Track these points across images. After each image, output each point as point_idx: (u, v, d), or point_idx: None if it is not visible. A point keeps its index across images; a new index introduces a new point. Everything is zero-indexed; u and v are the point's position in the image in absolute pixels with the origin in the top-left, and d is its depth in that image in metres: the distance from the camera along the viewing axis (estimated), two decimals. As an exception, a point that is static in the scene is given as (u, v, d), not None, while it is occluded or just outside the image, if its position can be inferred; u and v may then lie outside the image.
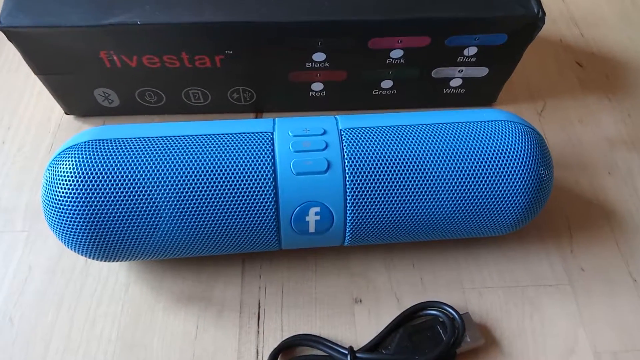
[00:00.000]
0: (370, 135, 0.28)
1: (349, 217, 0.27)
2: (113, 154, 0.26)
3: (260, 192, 0.26)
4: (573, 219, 0.34)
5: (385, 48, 0.33)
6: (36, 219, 0.33)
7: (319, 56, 0.33)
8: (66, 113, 0.38)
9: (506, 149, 0.28)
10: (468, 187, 0.27)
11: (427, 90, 0.37)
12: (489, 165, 0.27)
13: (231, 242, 0.28)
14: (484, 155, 0.27)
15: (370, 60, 0.34)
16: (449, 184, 0.27)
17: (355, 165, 0.27)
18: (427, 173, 0.27)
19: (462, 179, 0.27)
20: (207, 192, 0.26)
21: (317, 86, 0.36)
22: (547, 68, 0.43)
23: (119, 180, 0.26)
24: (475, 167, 0.27)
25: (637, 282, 0.32)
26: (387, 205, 0.27)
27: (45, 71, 0.33)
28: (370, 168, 0.27)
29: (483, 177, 0.27)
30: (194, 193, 0.26)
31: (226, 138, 0.27)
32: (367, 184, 0.27)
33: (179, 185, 0.26)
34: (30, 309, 0.30)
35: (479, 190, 0.27)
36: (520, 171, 0.28)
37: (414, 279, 0.32)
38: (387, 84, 0.36)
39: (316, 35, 0.32)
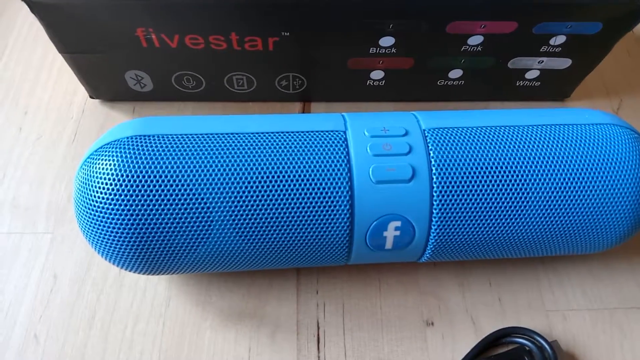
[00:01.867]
0: (458, 137, 0.24)
1: (433, 233, 0.23)
2: (162, 153, 0.22)
3: (333, 203, 0.22)
4: (661, 233, 0.31)
5: (464, 33, 0.29)
6: (60, 218, 0.29)
7: (386, 41, 0.29)
8: (91, 97, 0.33)
9: (615, 158, 0.24)
10: (572, 200, 0.23)
11: (498, 81, 0.33)
12: (596, 176, 0.23)
13: (292, 257, 0.24)
14: (591, 164, 0.24)
15: (444, 46, 0.30)
16: (550, 197, 0.23)
17: (443, 174, 0.23)
18: (524, 183, 0.23)
19: (565, 190, 0.23)
20: (269, 200, 0.22)
21: (377, 74, 0.32)
22: (621, 62, 0.39)
23: (169, 184, 0.22)
24: (581, 177, 0.23)
25: None
26: (477, 221, 0.23)
27: (72, 49, 0.29)
28: (460, 177, 0.23)
29: (590, 189, 0.23)
30: (253, 201, 0.22)
31: (291, 137, 0.23)
32: (457, 195, 0.23)
33: (238, 192, 0.22)
34: (58, 325, 0.26)
35: (586, 203, 0.24)
36: (631, 182, 0.24)
37: (491, 298, 0.28)
38: (455, 73, 0.32)
39: (388, 18, 0.28)
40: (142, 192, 0.21)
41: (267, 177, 0.22)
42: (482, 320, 0.27)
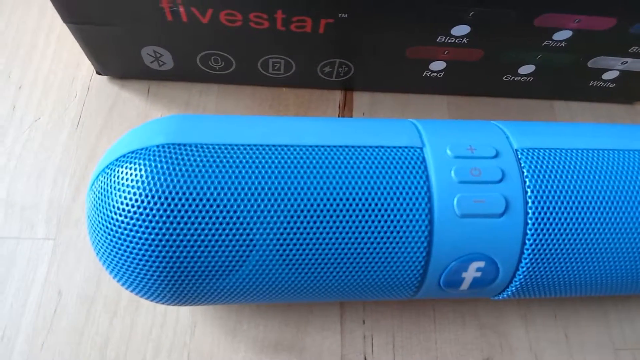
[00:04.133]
0: (555, 161, 0.20)
1: (519, 275, 0.20)
2: (202, 168, 0.18)
3: (407, 238, 0.18)
4: None
5: (553, 27, 0.24)
6: (64, 220, 0.25)
7: (460, 30, 0.24)
8: (97, 73, 0.28)
9: None
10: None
11: (571, 80, 0.29)
12: None
13: (347, 293, 0.20)
14: None
15: (525, 39, 0.25)
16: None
17: (541, 208, 0.19)
18: (625, 221, 0.20)
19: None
20: (326, 230, 0.18)
21: (438, 65, 0.27)
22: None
23: (210, 207, 0.17)
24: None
25: None
26: (571, 263, 0.20)
27: (80, 19, 0.24)
28: (560, 212, 0.19)
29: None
30: (307, 230, 0.18)
31: (357, 153, 0.19)
32: (553, 233, 0.19)
33: (289, 219, 0.18)
34: (64, 353, 0.22)
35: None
36: None
37: (557, 334, 0.25)
38: (527, 69, 0.28)
39: (471, 4, 0.23)
40: (177, 215, 0.17)
41: (326, 202, 0.18)
42: (547, 359, 0.24)
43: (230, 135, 0.19)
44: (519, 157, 0.20)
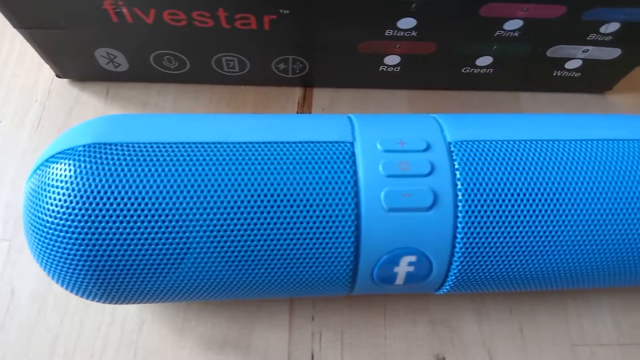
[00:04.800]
0: (490, 153, 0.19)
1: (454, 269, 0.20)
2: (126, 167, 0.18)
3: (334, 233, 0.18)
4: None
5: (500, 17, 0.24)
6: (20, 222, 0.25)
7: (406, 22, 0.24)
8: (57, 76, 0.29)
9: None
10: (620, 232, 0.19)
11: (532, 71, 0.28)
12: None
13: (283, 289, 0.20)
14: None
15: (475, 30, 0.25)
16: (593, 229, 0.19)
17: (471, 200, 0.19)
18: (564, 213, 0.19)
19: (619, 222, 0.19)
20: (256, 226, 0.18)
21: (392, 59, 0.27)
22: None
23: (134, 205, 0.18)
24: (633, 207, 0.19)
25: None
26: (508, 256, 0.19)
27: (28, 24, 0.24)
28: (492, 204, 0.19)
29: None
30: (237, 226, 0.18)
31: (286, 149, 0.19)
32: (485, 226, 0.19)
33: (218, 216, 0.18)
34: (14, 353, 0.23)
35: (633, 237, 0.20)
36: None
37: (512, 329, 0.24)
38: (484, 60, 0.27)
39: (413, -4, 0.23)
40: (100, 213, 0.17)
41: (255, 199, 0.18)
42: (500, 355, 0.24)
43: (159, 133, 0.19)
44: (451, 149, 0.20)
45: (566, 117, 0.22)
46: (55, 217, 0.18)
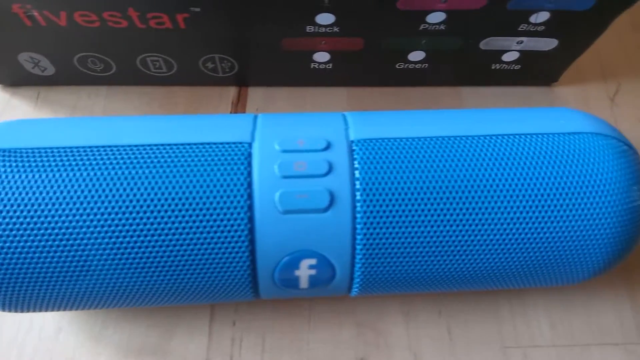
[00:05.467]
0: (394, 151, 0.19)
1: (357, 272, 0.19)
2: (8, 173, 0.17)
3: (227, 237, 0.18)
4: (652, 251, 0.26)
5: (420, 10, 0.23)
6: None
7: (324, 18, 0.24)
8: (-12, 81, 0.29)
9: (592, 180, 0.19)
10: (534, 232, 0.19)
11: (469, 64, 0.28)
12: (568, 203, 0.19)
13: (187, 296, 0.20)
14: (559, 187, 0.19)
15: (398, 25, 0.24)
16: (506, 228, 0.19)
17: (370, 200, 0.18)
18: (474, 212, 0.18)
19: (526, 220, 0.19)
20: (150, 232, 0.18)
21: (322, 56, 0.27)
22: (624, 38, 0.33)
23: (14, 212, 0.17)
24: (549, 205, 0.19)
25: None
26: (414, 257, 0.19)
27: (-62, 28, 0.24)
28: (392, 204, 0.18)
29: (557, 219, 0.19)
30: (129, 232, 0.18)
31: (179, 152, 0.18)
32: (386, 226, 0.18)
33: (110, 223, 0.17)
34: None
35: (550, 236, 0.19)
36: (612, 210, 0.19)
37: (440, 331, 0.24)
38: (416, 55, 0.27)
39: (322, -10, 0.22)
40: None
41: (147, 204, 0.17)
42: (426, 357, 0.23)
43: (50, 138, 0.19)
44: (353, 148, 0.19)
45: (478, 112, 0.21)
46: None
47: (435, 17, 0.24)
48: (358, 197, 0.18)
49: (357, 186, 0.18)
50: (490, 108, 0.22)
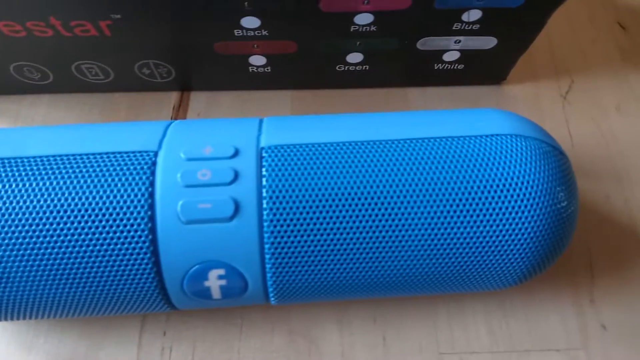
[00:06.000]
0: (305, 157, 0.18)
1: (269, 281, 0.19)
2: None
3: (129, 250, 0.17)
4: (597, 253, 0.25)
5: (345, 11, 0.23)
6: None
7: (250, 22, 0.23)
8: None
9: (510, 183, 0.18)
10: (450, 238, 0.18)
11: (411, 65, 0.27)
12: (482, 207, 0.18)
13: (103, 308, 0.19)
14: (476, 192, 0.18)
15: (327, 27, 0.24)
16: (420, 234, 0.18)
17: (277, 208, 0.18)
18: (387, 217, 0.18)
19: (441, 226, 0.18)
20: (60, 244, 0.17)
21: (258, 60, 0.26)
22: (579, 32, 0.32)
23: None
24: (462, 209, 0.18)
25: (679, 346, 0.23)
26: (328, 264, 0.18)
27: None
28: (300, 211, 0.18)
29: (472, 223, 0.18)
30: (42, 244, 0.17)
31: (82, 162, 0.18)
32: (295, 234, 0.18)
33: (17, 234, 0.17)
34: None
35: (466, 244, 0.18)
36: (534, 213, 0.18)
37: (375, 339, 0.23)
38: (355, 57, 0.26)
39: (237, -6, 0.22)
40: None
41: (47, 215, 0.17)
42: (360, 366, 0.23)
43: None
44: (263, 155, 0.19)
45: (399, 116, 0.21)
46: None
47: (364, 19, 0.23)
48: (264, 206, 0.18)
49: (264, 194, 0.18)
50: (415, 111, 0.22)
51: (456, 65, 0.27)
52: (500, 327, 0.24)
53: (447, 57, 0.27)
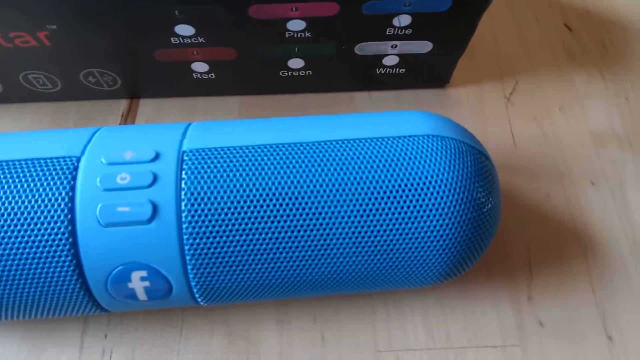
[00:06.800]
0: (226, 160, 0.19)
1: (193, 282, 0.19)
2: None
3: (49, 253, 0.18)
4: (536, 250, 0.26)
5: (274, 18, 0.23)
6: None
7: (184, 29, 0.24)
8: None
9: (423, 182, 0.19)
10: (368, 237, 0.19)
11: (352, 70, 0.28)
12: (396, 206, 0.19)
13: (29, 310, 0.20)
14: (392, 192, 0.19)
15: (261, 34, 0.24)
16: (339, 232, 0.19)
17: (196, 210, 0.18)
18: (305, 217, 0.18)
19: (358, 225, 0.19)
20: None
21: (200, 66, 0.27)
22: (525, 33, 0.33)
23: None
24: (379, 210, 0.19)
25: (612, 340, 0.24)
26: (248, 265, 0.19)
27: None
28: (219, 212, 0.18)
29: (389, 225, 0.19)
30: None
31: (12, 169, 0.19)
32: (215, 235, 0.18)
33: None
34: None
35: (384, 242, 0.19)
36: (448, 211, 0.19)
37: (313, 338, 0.24)
38: (296, 63, 0.27)
39: (167, 3, 0.22)
40: None
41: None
42: (297, 365, 0.23)
43: None
44: (184, 159, 0.19)
45: (325, 119, 0.21)
46: None
47: (297, 25, 0.24)
48: (183, 208, 0.18)
49: (183, 196, 0.18)
50: (341, 114, 0.22)
51: (397, 69, 0.28)
52: (438, 324, 0.24)
53: (387, 61, 0.27)
